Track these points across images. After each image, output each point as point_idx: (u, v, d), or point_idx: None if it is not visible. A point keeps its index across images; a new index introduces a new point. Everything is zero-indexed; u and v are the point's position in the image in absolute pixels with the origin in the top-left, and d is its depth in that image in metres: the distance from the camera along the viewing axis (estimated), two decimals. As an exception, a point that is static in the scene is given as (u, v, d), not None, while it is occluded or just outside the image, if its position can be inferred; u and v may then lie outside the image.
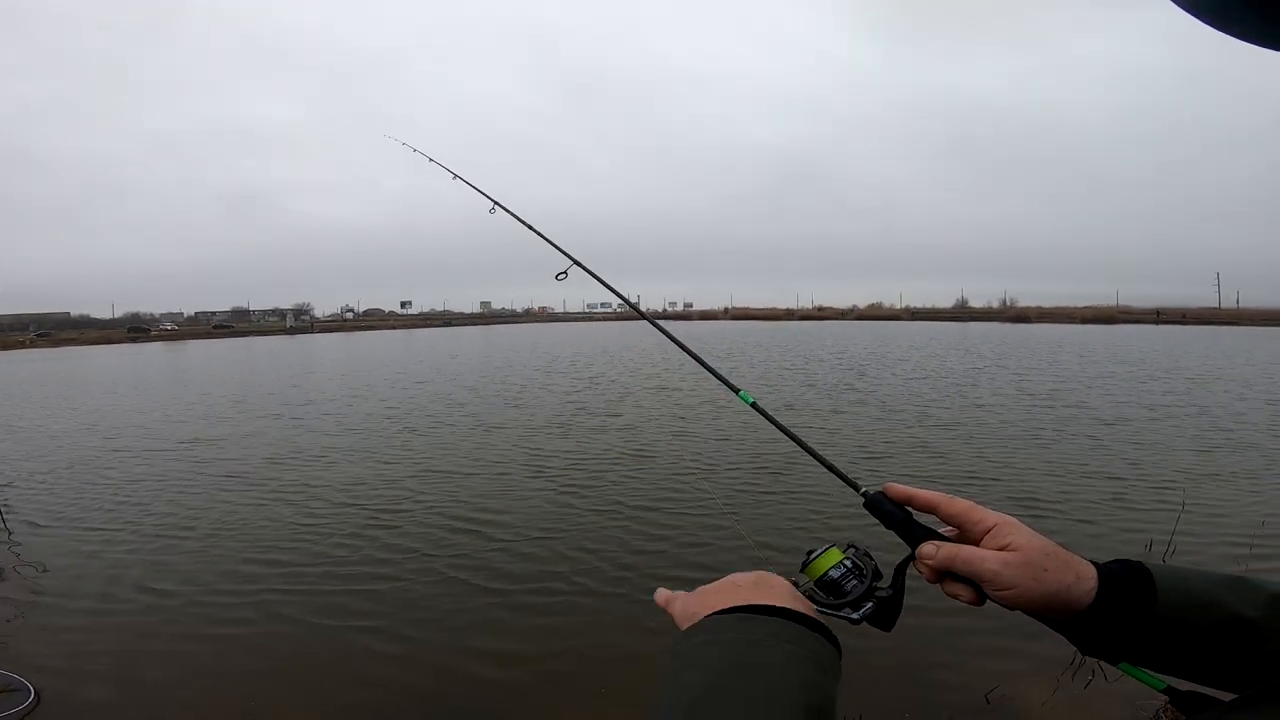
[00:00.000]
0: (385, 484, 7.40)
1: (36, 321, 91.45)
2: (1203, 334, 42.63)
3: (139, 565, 5.17)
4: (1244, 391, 13.90)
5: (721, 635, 0.56)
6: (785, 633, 0.55)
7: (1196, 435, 9.33)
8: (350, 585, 4.65)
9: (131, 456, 9.34)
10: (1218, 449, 8.42)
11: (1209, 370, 18.45)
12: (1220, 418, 10.64)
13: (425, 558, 5.14)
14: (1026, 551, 0.61)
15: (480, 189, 1.93)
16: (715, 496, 6.51)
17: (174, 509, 6.66)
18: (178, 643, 3.96)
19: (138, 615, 4.34)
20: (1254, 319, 63.56)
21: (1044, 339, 36.36)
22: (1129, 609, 0.59)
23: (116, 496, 7.22)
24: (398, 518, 6.15)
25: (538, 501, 6.57)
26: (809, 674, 0.51)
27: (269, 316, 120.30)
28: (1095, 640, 0.62)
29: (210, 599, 4.53)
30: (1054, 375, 17.15)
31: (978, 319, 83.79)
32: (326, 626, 4.11)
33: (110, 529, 6.10)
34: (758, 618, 0.57)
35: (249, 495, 7.09)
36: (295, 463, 8.63)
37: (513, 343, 40.86)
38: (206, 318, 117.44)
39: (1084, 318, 74.32)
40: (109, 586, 4.78)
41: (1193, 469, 7.43)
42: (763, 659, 0.52)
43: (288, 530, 5.87)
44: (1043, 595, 0.60)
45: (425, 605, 4.34)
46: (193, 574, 4.95)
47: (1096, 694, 3.23)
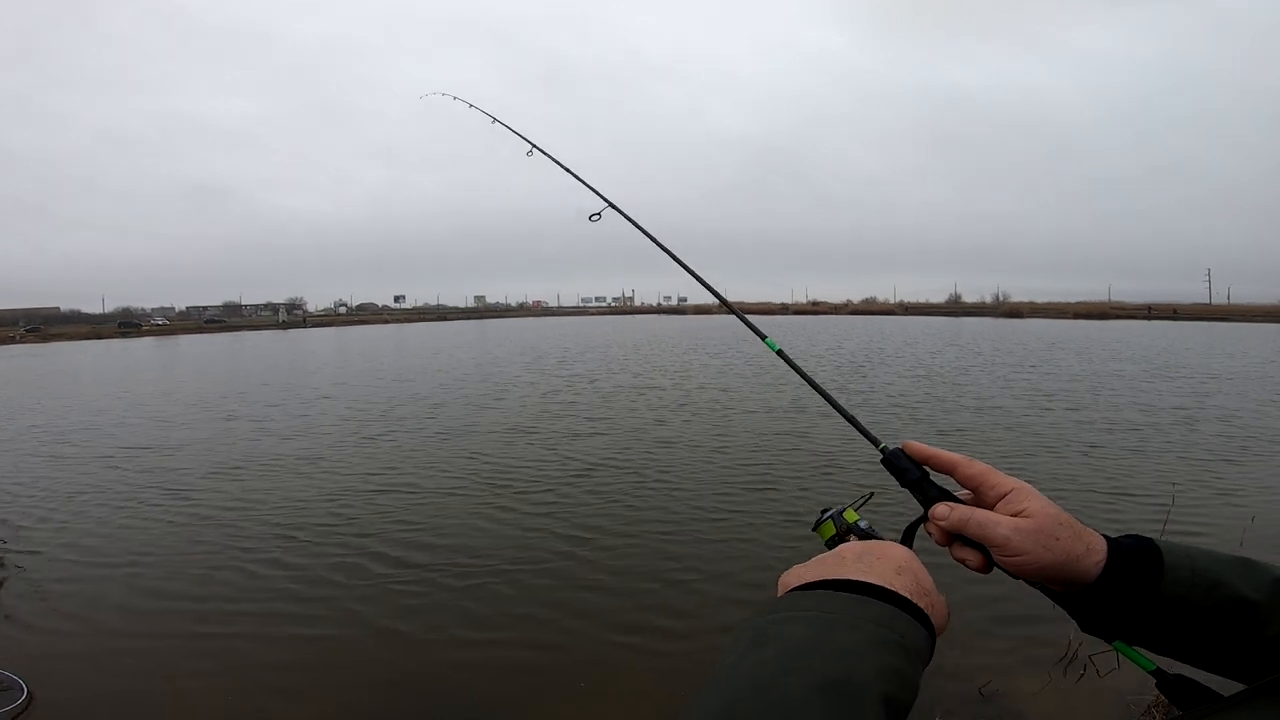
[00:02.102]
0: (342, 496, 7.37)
1: (26, 317, 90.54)
2: (1199, 329, 42.91)
3: (130, 566, 5.15)
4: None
5: (801, 611, 0.51)
6: (870, 612, 0.51)
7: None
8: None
9: (105, 458, 9.28)
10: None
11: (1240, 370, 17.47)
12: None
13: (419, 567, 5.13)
14: (1040, 519, 0.60)
15: (519, 132, 2.05)
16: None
17: (170, 510, 6.62)
18: (169, 642, 3.94)
19: (130, 615, 4.32)
20: (1245, 314, 64.09)
21: (1041, 335, 36.53)
22: (1135, 585, 0.59)
23: (98, 498, 7.17)
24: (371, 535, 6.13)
25: (475, 522, 6.55)
26: (892, 660, 0.47)
27: (261, 311, 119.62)
28: (1096, 616, 0.61)
29: (206, 599, 4.52)
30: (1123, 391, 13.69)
31: (971, 314, 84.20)
32: (322, 628, 4.10)
33: (103, 529, 6.07)
34: (842, 595, 0.53)
35: (234, 493, 7.06)
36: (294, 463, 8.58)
37: (506, 335, 40.76)
38: (198, 312, 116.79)
39: (1076, 313, 74.84)
40: (104, 586, 4.75)
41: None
42: (841, 640, 0.47)
43: (288, 523, 5.86)
44: (1052, 564, 0.59)
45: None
46: (190, 573, 4.94)
47: (1089, 687, 3.26)
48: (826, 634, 0.48)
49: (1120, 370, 17.24)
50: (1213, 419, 10.17)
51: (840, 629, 0.48)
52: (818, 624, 0.49)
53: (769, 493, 6.49)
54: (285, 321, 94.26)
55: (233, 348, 39.36)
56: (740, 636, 0.50)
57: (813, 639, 0.47)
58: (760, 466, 7.51)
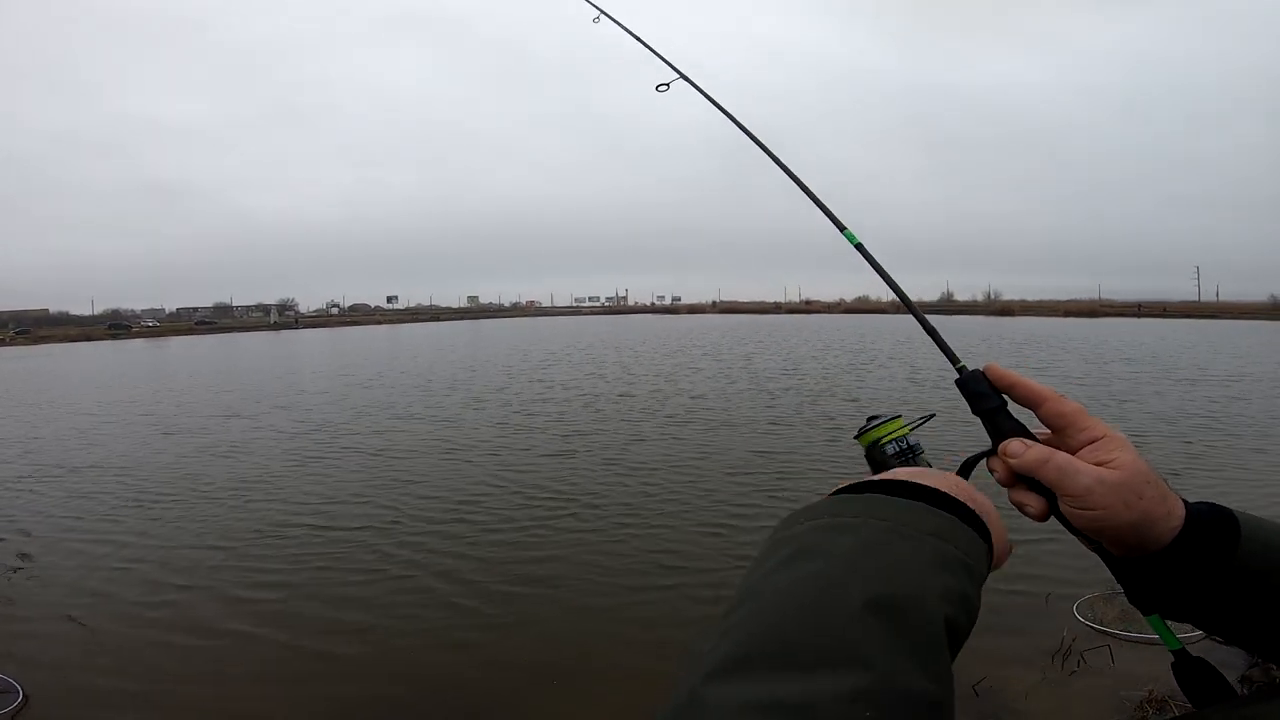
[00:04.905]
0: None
1: (15, 319, 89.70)
2: (1190, 327, 43.10)
3: (123, 569, 5.13)
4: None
5: (849, 518, 0.44)
6: (929, 522, 0.44)
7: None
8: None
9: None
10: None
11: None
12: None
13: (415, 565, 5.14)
14: (1128, 472, 0.53)
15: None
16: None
17: (164, 513, 6.59)
18: (167, 644, 3.93)
19: (129, 615, 4.30)
20: (1233, 312, 64.60)
21: (1038, 333, 36.69)
22: (1209, 556, 0.53)
23: (92, 500, 7.13)
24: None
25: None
26: (954, 580, 0.41)
27: (252, 312, 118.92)
28: (1151, 585, 0.56)
29: (199, 602, 4.51)
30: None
31: (963, 312, 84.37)
32: (314, 632, 4.10)
33: (95, 531, 6.04)
34: (896, 500, 0.46)
35: (232, 480, 7.04)
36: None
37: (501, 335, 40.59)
38: (189, 314, 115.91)
39: (1067, 311, 75.14)
40: (99, 586, 4.73)
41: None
42: (898, 552, 0.41)
43: (279, 522, 5.84)
44: (1128, 524, 0.53)
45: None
46: (183, 577, 4.92)
47: (1082, 682, 3.29)
48: (879, 545, 0.41)
49: (1137, 372, 17.30)
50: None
51: (896, 540, 0.42)
52: (869, 532, 0.43)
53: (773, 493, 6.53)
54: (277, 323, 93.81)
55: (220, 351, 39.12)
56: (776, 545, 0.44)
57: (863, 550, 0.41)
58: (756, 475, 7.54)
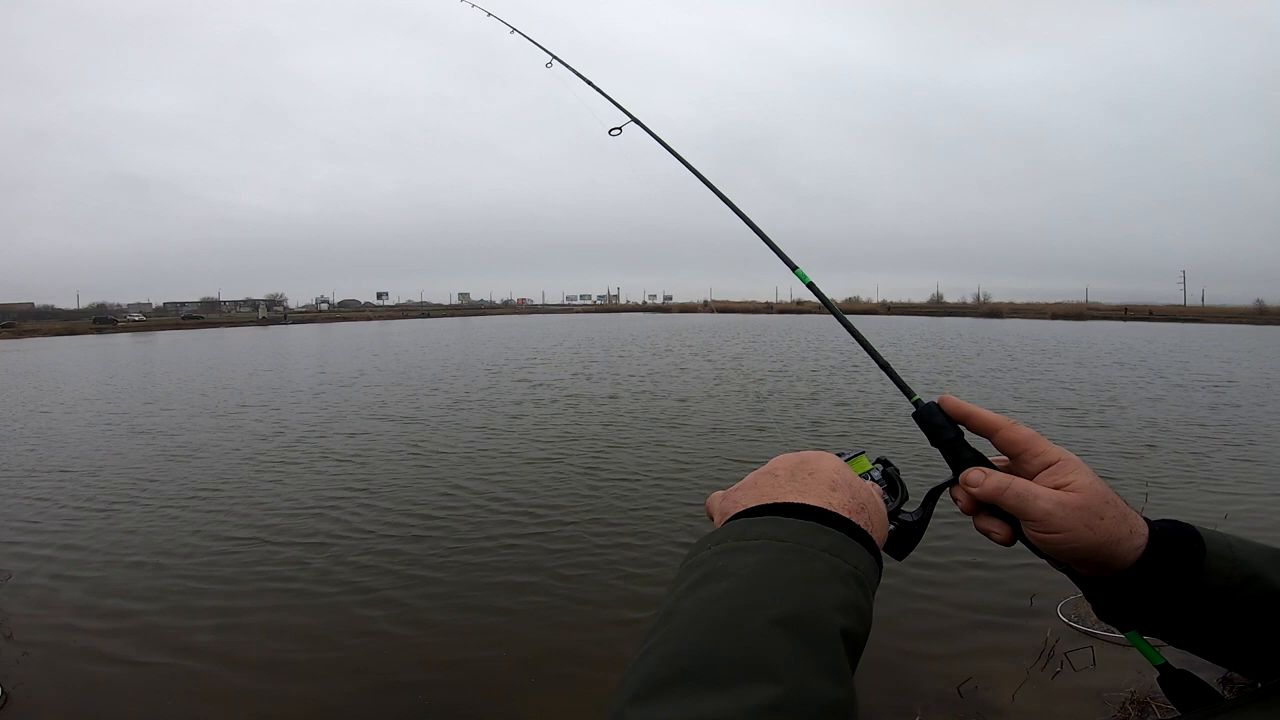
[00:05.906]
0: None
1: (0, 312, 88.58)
2: (1176, 330, 43.56)
3: (104, 568, 5.09)
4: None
5: (750, 540, 0.47)
6: (822, 540, 0.46)
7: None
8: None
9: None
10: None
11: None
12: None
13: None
14: (1086, 494, 0.54)
15: (538, 43, 2.00)
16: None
17: (143, 515, 6.53)
18: (146, 644, 3.91)
19: (106, 616, 4.26)
20: (1218, 316, 65.47)
21: (1032, 334, 36.96)
22: (1174, 574, 0.53)
23: (75, 501, 7.06)
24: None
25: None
26: (848, 592, 0.43)
27: (241, 307, 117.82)
28: (1120, 603, 0.56)
29: (180, 603, 4.48)
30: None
31: (953, 314, 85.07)
32: (302, 633, 4.09)
33: (82, 532, 5.98)
34: (790, 521, 0.48)
35: (217, 496, 6.98)
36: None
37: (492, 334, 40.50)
38: (175, 308, 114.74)
39: (1054, 314, 75.95)
40: (78, 590, 4.70)
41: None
42: (797, 571, 0.43)
43: (268, 525, 5.80)
44: (1091, 545, 0.53)
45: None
46: (165, 577, 4.89)
47: (1065, 684, 3.33)
48: (780, 564, 0.44)
49: (1140, 378, 17.41)
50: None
51: (794, 559, 0.45)
52: (770, 554, 0.45)
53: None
54: (265, 318, 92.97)
55: (204, 344, 38.79)
56: (688, 570, 0.47)
57: (765, 569, 0.44)
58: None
